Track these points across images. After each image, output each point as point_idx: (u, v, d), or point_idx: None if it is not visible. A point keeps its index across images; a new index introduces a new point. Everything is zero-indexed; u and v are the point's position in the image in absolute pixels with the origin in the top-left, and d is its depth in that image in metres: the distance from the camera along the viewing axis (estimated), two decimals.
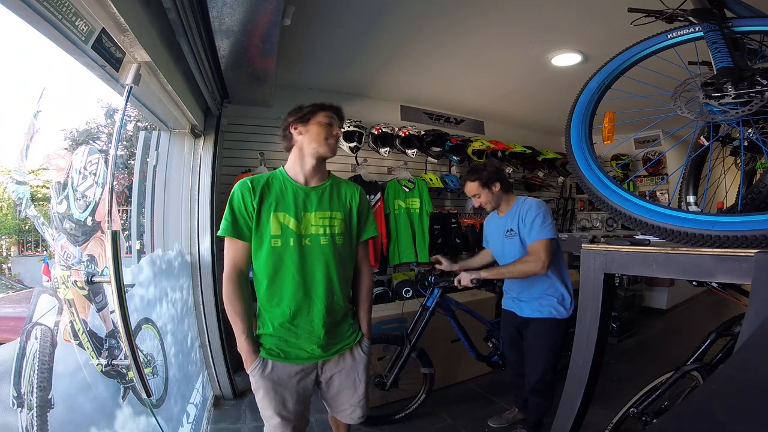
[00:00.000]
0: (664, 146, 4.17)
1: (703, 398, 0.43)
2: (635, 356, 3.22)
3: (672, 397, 1.62)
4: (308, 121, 1.32)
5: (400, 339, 2.23)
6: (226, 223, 1.27)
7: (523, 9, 2.13)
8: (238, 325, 1.26)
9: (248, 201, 1.28)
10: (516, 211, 1.93)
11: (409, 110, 3.73)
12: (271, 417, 1.30)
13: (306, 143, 1.32)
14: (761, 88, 0.89)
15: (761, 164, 1.23)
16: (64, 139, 6.50)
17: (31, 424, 0.92)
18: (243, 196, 1.28)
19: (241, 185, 1.30)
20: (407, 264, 3.35)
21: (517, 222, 1.90)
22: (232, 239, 1.27)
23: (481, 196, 2.00)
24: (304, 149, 1.33)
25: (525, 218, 1.87)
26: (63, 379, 1.05)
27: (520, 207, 1.93)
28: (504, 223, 1.98)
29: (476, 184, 1.98)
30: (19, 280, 2.74)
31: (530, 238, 1.83)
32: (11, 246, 3.70)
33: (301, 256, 1.28)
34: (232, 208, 1.28)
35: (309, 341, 1.29)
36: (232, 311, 1.26)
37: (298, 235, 1.28)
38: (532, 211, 1.85)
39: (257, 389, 1.29)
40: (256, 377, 1.27)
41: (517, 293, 2.00)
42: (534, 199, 1.94)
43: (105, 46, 1.13)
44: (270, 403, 1.28)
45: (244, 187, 1.29)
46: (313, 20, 2.16)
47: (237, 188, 1.30)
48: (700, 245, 0.82)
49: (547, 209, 1.88)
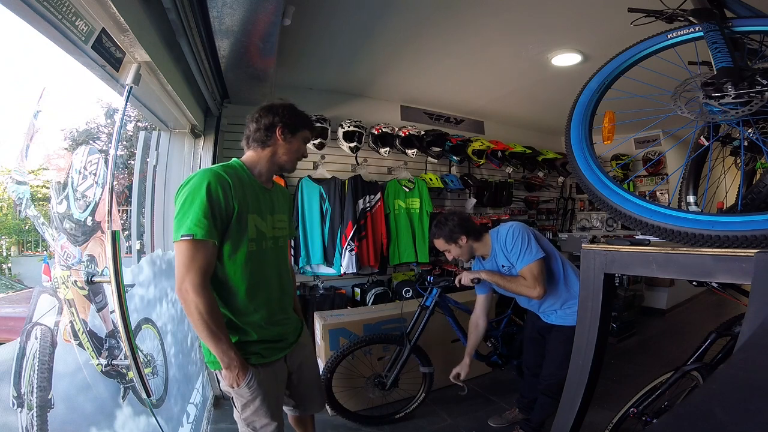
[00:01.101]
0: (664, 146, 4.17)
1: (703, 398, 0.43)
2: (635, 356, 3.22)
3: (672, 397, 1.62)
4: (295, 132, 1.28)
5: (400, 339, 2.23)
6: (198, 221, 1.06)
7: (523, 9, 2.13)
8: (222, 340, 1.12)
9: (229, 197, 1.13)
10: (497, 247, 1.91)
11: (409, 110, 3.73)
12: (267, 425, 1.25)
13: (282, 152, 1.27)
14: (761, 88, 0.89)
15: (761, 164, 1.23)
16: (64, 139, 6.49)
17: (31, 424, 0.92)
18: (222, 189, 1.11)
19: (214, 176, 1.12)
20: (407, 264, 3.36)
21: (505, 255, 1.89)
22: (204, 242, 1.08)
23: (450, 251, 1.96)
24: (277, 156, 1.27)
25: (509, 249, 1.85)
26: (63, 379, 1.05)
27: (497, 242, 1.91)
28: (495, 264, 1.96)
29: (441, 241, 1.95)
30: (19, 280, 2.73)
31: (519, 265, 1.82)
32: (11, 246, 3.70)
33: (275, 258, 1.29)
34: (208, 202, 1.08)
35: (281, 336, 1.31)
36: (215, 325, 1.10)
37: (269, 238, 1.26)
38: (509, 239, 1.84)
39: (252, 400, 1.21)
40: (252, 388, 1.20)
41: (538, 308, 1.95)
42: (506, 226, 1.90)
43: (105, 46, 1.13)
44: (266, 411, 1.23)
45: (219, 180, 1.12)
46: (313, 20, 2.16)
47: (209, 179, 1.10)
48: (700, 245, 0.82)
49: (522, 230, 1.84)
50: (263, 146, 1.26)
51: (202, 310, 1.07)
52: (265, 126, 1.25)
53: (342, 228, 2.99)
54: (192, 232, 1.06)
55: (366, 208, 3.12)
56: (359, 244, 3.03)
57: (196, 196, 1.08)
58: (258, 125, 1.25)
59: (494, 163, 3.94)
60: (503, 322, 2.42)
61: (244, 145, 1.31)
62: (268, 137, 1.25)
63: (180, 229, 1.07)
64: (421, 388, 2.36)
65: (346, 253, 2.96)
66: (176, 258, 1.09)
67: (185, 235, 1.06)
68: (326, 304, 2.95)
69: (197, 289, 1.06)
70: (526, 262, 1.80)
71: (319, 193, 3.00)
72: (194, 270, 1.07)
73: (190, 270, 1.07)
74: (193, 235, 1.06)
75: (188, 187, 1.10)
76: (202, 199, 1.07)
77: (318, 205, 2.99)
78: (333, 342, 2.37)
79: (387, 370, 2.26)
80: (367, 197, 3.13)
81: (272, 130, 1.25)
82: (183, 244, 1.07)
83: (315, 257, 2.96)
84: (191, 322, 1.10)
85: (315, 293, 3.03)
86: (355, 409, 2.29)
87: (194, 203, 1.07)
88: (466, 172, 3.92)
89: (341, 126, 3.11)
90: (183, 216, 1.07)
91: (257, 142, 1.26)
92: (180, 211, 1.09)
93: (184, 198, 1.09)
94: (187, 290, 1.06)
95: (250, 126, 1.27)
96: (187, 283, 1.06)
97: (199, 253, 1.08)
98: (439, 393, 2.53)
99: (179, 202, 1.10)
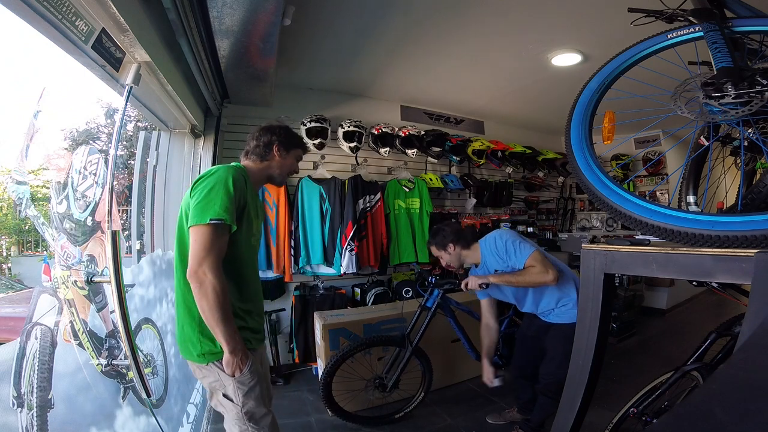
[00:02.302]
0: (664, 146, 4.17)
1: (703, 398, 0.43)
2: (635, 356, 3.22)
3: (672, 397, 1.61)
4: (289, 151, 1.42)
5: (401, 340, 2.21)
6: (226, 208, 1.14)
7: (523, 9, 2.13)
8: (231, 324, 1.15)
9: (246, 191, 1.25)
10: (488, 253, 1.99)
11: (409, 110, 3.73)
12: (266, 415, 1.27)
13: (275, 167, 1.41)
14: (761, 88, 0.89)
15: (761, 164, 1.23)
16: (64, 139, 6.49)
17: (31, 424, 0.92)
18: (240, 184, 1.22)
19: (236, 171, 1.24)
20: (407, 264, 3.35)
21: (497, 259, 1.95)
22: (225, 227, 1.15)
23: (443, 258, 2.10)
24: (271, 170, 1.41)
25: (501, 251, 1.92)
26: (63, 379, 1.05)
27: (487, 248, 1.99)
28: (488, 270, 2.01)
29: (434, 248, 2.10)
30: (19, 280, 2.73)
31: (520, 260, 1.86)
32: (11, 246, 3.69)
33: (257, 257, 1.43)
34: (232, 192, 1.17)
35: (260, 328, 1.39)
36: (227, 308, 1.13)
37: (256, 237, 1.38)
38: (500, 242, 1.92)
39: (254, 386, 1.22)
40: (252, 372, 1.21)
41: (537, 309, 1.99)
42: (491, 234, 2.01)
43: (105, 46, 1.13)
44: (264, 398, 1.26)
45: (240, 174, 1.25)
46: (313, 20, 2.16)
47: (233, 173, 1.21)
48: (700, 245, 0.82)
49: (509, 233, 1.95)
50: (261, 159, 1.39)
51: (219, 292, 1.11)
52: (264, 143, 1.38)
53: (342, 228, 2.98)
54: (222, 218, 1.12)
55: (366, 208, 3.12)
56: (359, 244, 3.03)
57: (222, 186, 1.16)
58: (258, 142, 1.39)
59: (494, 163, 3.94)
60: (504, 323, 2.42)
61: (242, 157, 1.43)
62: (266, 152, 1.39)
63: (207, 213, 1.12)
64: (420, 388, 2.36)
65: (346, 253, 2.96)
66: (195, 241, 1.12)
67: (215, 219, 1.12)
68: (326, 304, 2.95)
69: (216, 272, 1.11)
70: (526, 255, 1.85)
71: (319, 193, 3.00)
72: (215, 253, 1.12)
73: (211, 252, 1.11)
74: (223, 220, 1.13)
75: (213, 177, 1.18)
76: (229, 189, 1.16)
77: (318, 205, 2.99)
78: (333, 342, 2.37)
79: (386, 371, 2.25)
80: (367, 197, 3.13)
81: (270, 147, 1.39)
82: (208, 228, 1.12)
83: (315, 257, 2.96)
84: (204, 305, 1.12)
85: (315, 293, 3.03)
86: (354, 410, 2.29)
87: (221, 191, 1.15)
88: (466, 172, 3.92)
89: (341, 126, 3.11)
90: (209, 202, 1.14)
91: (256, 155, 1.39)
92: (205, 198, 1.14)
93: (211, 186, 1.16)
94: (205, 272, 1.10)
95: (251, 142, 1.40)
96: (206, 266, 1.10)
97: (221, 238, 1.14)
98: (439, 393, 2.53)
99: (203, 189, 1.16)
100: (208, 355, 1.20)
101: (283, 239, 2.88)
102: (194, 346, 1.21)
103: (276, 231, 2.87)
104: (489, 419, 2.27)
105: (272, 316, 2.95)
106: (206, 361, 1.21)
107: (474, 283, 1.94)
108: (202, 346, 1.20)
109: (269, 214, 2.86)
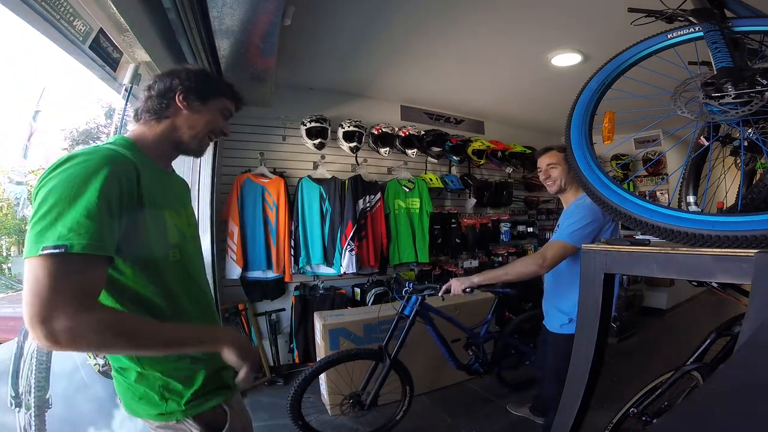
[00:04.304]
0: (664, 146, 4.17)
1: (703, 398, 0.43)
2: (635, 356, 3.22)
3: (672, 397, 1.61)
4: (207, 101, 0.94)
5: (377, 353, 2.01)
6: (88, 226, 0.66)
7: (523, 9, 2.13)
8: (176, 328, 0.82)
9: (139, 182, 0.78)
10: (575, 204, 1.70)
11: (409, 110, 3.73)
12: None
13: (186, 127, 0.92)
14: (761, 88, 0.89)
15: (761, 164, 1.23)
16: (64, 139, 6.51)
17: (30, 424, 0.92)
18: (125, 180, 0.74)
19: (111, 157, 0.74)
20: (407, 264, 3.35)
21: (565, 216, 1.70)
22: (93, 257, 0.67)
23: (557, 168, 1.74)
24: (178, 132, 0.92)
25: (569, 212, 1.68)
26: (61, 378, 1.05)
27: (578, 202, 1.70)
28: (561, 218, 1.75)
29: (561, 155, 1.73)
30: (19, 280, 2.72)
31: (559, 234, 1.63)
32: (11, 246, 3.71)
33: (198, 264, 0.99)
34: (106, 201, 0.69)
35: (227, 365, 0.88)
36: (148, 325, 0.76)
37: (189, 238, 0.96)
38: (578, 211, 1.63)
39: None
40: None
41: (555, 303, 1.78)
42: (585, 195, 1.63)
43: (102, 46, 1.13)
44: None
45: (121, 158, 0.76)
46: (313, 20, 2.16)
47: (105, 165, 0.71)
48: (700, 245, 0.82)
49: (594, 216, 1.60)
50: (159, 118, 0.90)
51: (114, 320, 0.70)
52: (160, 92, 0.90)
53: (342, 228, 2.98)
54: (78, 246, 0.65)
55: (366, 208, 3.12)
56: (359, 244, 3.03)
57: (83, 192, 0.68)
58: (150, 92, 0.91)
59: (494, 163, 3.94)
60: (484, 329, 2.38)
61: (131, 123, 1.02)
62: (165, 106, 0.90)
63: (46, 237, 0.65)
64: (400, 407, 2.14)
65: (346, 253, 2.96)
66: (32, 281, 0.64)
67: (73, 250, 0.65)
68: (326, 304, 2.95)
69: (85, 306, 0.66)
70: (562, 237, 1.59)
71: (319, 193, 3.00)
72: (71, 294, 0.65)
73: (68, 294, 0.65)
74: (84, 249, 0.66)
75: (65, 174, 0.69)
76: (91, 195, 0.68)
77: (318, 205, 2.99)
78: (333, 342, 2.37)
79: (362, 387, 2.03)
80: (367, 197, 3.13)
81: (170, 96, 0.90)
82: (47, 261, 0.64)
83: (315, 257, 2.96)
84: (114, 351, 0.79)
85: (315, 293, 3.03)
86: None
87: (83, 203, 0.67)
88: (466, 172, 3.92)
89: (341, 126, 3.11)
90: (61, 222, 0.66)
91: (149, 112, 0.90)
92: (48, 212, 0.66)
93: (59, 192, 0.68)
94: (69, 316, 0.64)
95: (141, 96, 0.94)
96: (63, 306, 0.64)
97: (78, 271, 0.66)
98: (439, 393, 2.53)
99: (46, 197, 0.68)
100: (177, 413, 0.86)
101: (283, 239, 2.88)
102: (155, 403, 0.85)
103: (276, 231, 2.87)
104: (509, 407, 2.34)
105: (272, 316, 2.96)
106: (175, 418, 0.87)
107: (457, 287, 1.75)
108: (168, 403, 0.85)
109: (269, 214, 2.86)
